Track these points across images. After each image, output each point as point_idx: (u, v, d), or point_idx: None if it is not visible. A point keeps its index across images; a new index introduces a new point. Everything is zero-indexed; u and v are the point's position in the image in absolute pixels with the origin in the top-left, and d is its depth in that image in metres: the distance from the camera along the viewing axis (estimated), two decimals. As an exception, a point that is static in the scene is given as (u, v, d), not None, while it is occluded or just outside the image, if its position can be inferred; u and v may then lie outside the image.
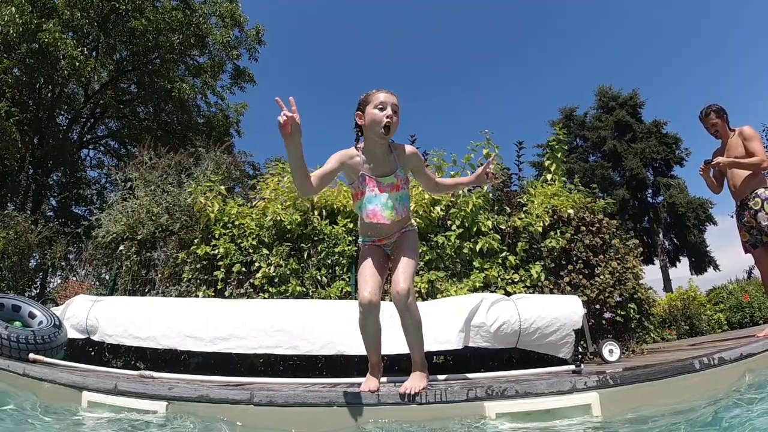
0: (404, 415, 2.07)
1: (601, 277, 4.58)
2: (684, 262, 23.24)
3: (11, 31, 9.88)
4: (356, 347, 3.52)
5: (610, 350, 3.76)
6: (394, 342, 3.53)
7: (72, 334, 4.02)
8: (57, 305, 5.04)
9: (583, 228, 4.81)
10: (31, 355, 3.22)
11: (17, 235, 6.71)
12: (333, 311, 3.74)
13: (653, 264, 22.69)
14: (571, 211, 4.85)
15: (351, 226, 4.65)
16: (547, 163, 5.73)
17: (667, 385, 2.18)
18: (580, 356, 3.84)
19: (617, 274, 4.63)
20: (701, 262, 22.68)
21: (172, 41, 13.12)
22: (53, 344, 3.47)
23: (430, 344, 3.46)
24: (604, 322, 4.50)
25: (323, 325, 3.60)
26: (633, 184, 23.01)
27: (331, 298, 4.34)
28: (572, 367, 2.85)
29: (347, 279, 4.46)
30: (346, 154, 2.29)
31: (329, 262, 4.57)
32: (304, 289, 4.44)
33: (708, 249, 22.74)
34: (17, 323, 3.62)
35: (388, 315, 3.70)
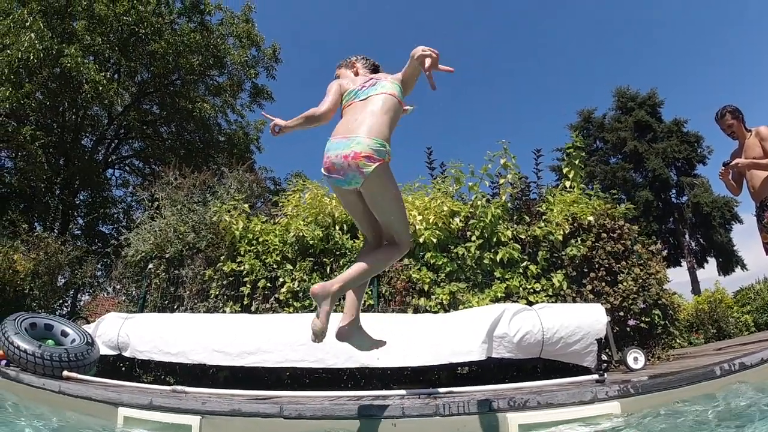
0: (427, 426, 2.10)
1: (624, 284, 4.53)
2: (711, 263, 22.57)
3: (32, 57, 10.18)
4: (379, 360, 3.57)
5: (635, 358, 3.71)
6: (419, 354, 3.58)
7: (104, 350, 4.14)
8: (88, 323, 5.21)
9: (604, 235, 4.78)
10: (65, 373, 3.29)
11: (47, 255, 6.97)
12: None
13: (680, 266, 22.14)
14: (591, 218, 4.82)
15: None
16: (565, 170, 5.71)
17: (689, 393, 2.18)
18: (604, 365, 3.82)
19: (640, 280, 4.57)
20: (728, 262, 22.01)
21: (191, 62, 13.53)
22: (86, 361, 3.56)
23: (454, 356, 3.49)
24: (628, 329, 4.45)
25: (348, 338, 3.66)
26: (656, 185, 22.54)
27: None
28: (596, 376, 2.85)
29: (369, 292, 4.52)
30: None
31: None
32: (328, 304, 4.50)
33: (735, 248, 22.07)
34: (50, 342, 3.70)
35: (411, 327, 3.76)
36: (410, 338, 3.61)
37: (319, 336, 2.07)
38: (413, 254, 4.66)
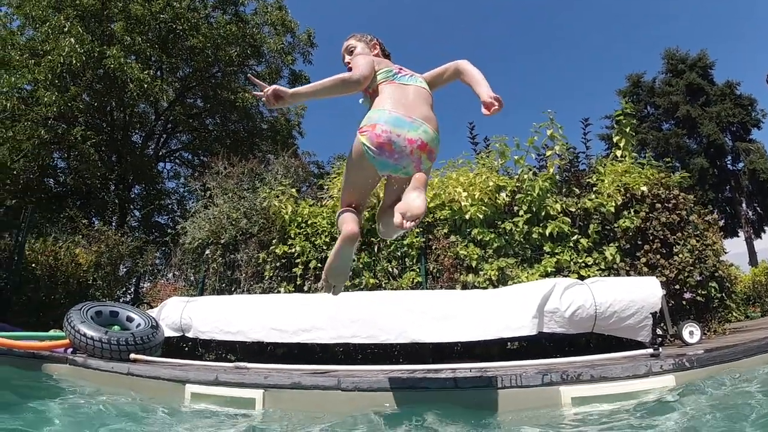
0: (480, 398, 2.15)
1: (680, 255, 4.37)
2: (769, 233, 21.19)
3: (74, 61, 10.55)
4: (430, 335, 3.64)
5: (691, 332, 3.62)
6: (469, 329, 3.62)
7: (168, 333, 4.42)
8: (151, 308, 5.57)
9: (659, 205, 4.59)
10: (132, 355, 3.48)
11: (108, 247, 7.44)
12: (406, 301, 3.89)
13: (737, 236, 20.86)
14: (644, 188, 4.64)
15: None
16: (615, 138, 5.48)
17: (745, 366, 2.11)
18: (659, 339, 3.73)
19: (696, 251, 4.40)
20: (788, 231, 20.59)
21: (229, 54, 13.81)
22: (152, 344, 3.76)
23: (503, 331, 3.51)
24: (684, 302, 4.31)
25: (397, 315, 3.75)
26: (711, 151, 21.27)
27: (402, 289, 4.49)
28: (650, 350, 2.79)
29: (417, 270, 4.59)
30: None
31: (399, 254, 4.73)
32: (377, 281, 4.64)
33: (794, 216, 20.59)
34: (116, 327, 3.92)
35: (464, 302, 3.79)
36: (460, 314, 3.65)
37: None
38: (460, 230, 4.66)
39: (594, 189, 4.82)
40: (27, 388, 2.81)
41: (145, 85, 11.42)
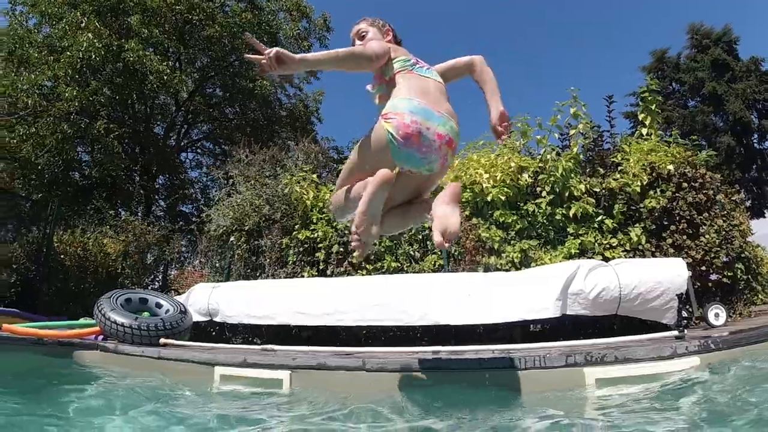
0: (504, 378, 2.17)
1: (706, 236, 4.27)
2: (797, 214, 20.42)
3: (93, 56, 10.70)
4: (452, 318, 3.67)
5: (716, 314, 3.55)
6: (491, 312, 3.63)
7: (196, 317, 4.55)
8: (179, 294, 5.74)
9: (685, 184, 4.48)
10: (162, 340, 3.60)
11: (135, 237, 7.65)
12: (428, 284, 3.92)
13: (764, 217, 20.19)
14: (670, 167, 4.52)
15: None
16: (641, 116, 5.34)
17: None
18: (684, 321, 3.67)
19: (723, 232, 4.29)
20: (815, 212, 19.81)
21: (246, 42, 13.86)
22: (181, 328, 3.87)
23: (527, 313, 3.51)
24: (710, 284, 4.23)
25: (419, 297, 3.79)
26: (737, 129, 20.51)
27: (424, 272, 4.52)
28: (675, 332, 2.76)
29: (439, 253, 4.60)
30: None
31: (420, 237, 4.74)
32: (399, 265, 4.68)
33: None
34: (145, 314, 4.03)
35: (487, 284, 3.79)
36: (482, 296, 3.67)
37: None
38: (481, 213, 4.63)
39: (619, 168, 4.71)
40: (59, 375, 2.91)
41: (165, 77, 11.56)
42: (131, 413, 1.97)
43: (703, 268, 4.24)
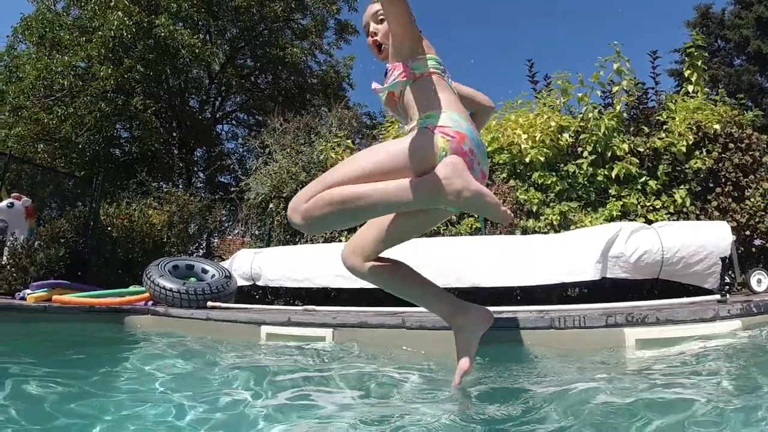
0: (543, 338, 2.20)
1: (752, 200, 4.12)
2: None
3: (125, 33, 10.87)
4: (489, 280, 3.70)
5: (759, 280, 3.47)
6: (529, 274, 3.63)
7: (240, 282, 4.74)
8: (222, 260, 5.99)
9: (732, 145, 4.30)
10: (209, 303, 3.78)
11: (179, 207, 7.96)
12: (464, 247, 3.95)
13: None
14: (717, 126, 4.32)
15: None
16: (687, 72, 5.06)
17: None
18: (726, 287, 3.59)
19: (769, 196, 4.12)
20: None
21: (274, 10, 13.76)
22: (226, 292, 4.04)
23: (566, 275, 3.50)
24: (753, 249, 4.12)
25: (457, 259, 3.83)
26: (783, 90, 19.09)
27: (461, 235, 4.54)
28: (717, 296, 2.71)
29: (476, 216, 4.60)
30: None
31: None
32: (436, 228, 4.70)
33: None
34: (192, 279, 4.21)
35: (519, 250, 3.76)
36: (520, 258, 3.67)
37: None
38: (519, 175, 4.57)
39: (664, 127, 4.52)
40: (113, 340, 3.08)
41: (197, 50, 11.69)
42: (189, 367, 2.11)
43: (747, 232, 4.11)
